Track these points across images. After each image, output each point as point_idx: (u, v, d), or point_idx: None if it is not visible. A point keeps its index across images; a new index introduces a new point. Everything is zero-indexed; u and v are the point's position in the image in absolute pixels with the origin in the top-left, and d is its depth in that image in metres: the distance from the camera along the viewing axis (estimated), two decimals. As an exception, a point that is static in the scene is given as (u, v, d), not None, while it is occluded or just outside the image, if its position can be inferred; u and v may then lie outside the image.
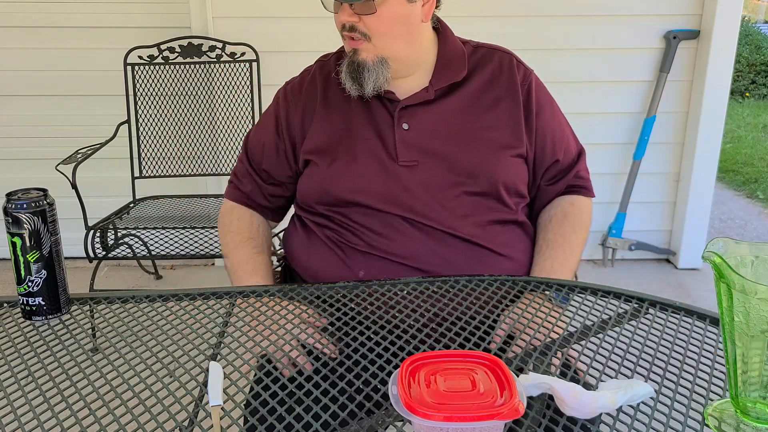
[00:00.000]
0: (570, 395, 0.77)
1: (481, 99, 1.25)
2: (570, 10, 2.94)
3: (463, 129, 1.23)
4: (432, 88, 1.24)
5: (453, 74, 1.25)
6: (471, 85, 1.26)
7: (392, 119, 1.23)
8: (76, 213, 2.35)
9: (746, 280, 0.68)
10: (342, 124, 1.25)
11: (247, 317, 1.04)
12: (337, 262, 1.23)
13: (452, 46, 1.28)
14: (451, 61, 1.26)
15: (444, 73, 1.25)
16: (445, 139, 1.22)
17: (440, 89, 1.24)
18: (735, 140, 6.21)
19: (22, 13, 3.02)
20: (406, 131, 1.22)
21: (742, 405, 0.74)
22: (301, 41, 2.94)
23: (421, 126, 1.23)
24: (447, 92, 1.25)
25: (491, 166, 1.22)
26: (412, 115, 1.23)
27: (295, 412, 0.80)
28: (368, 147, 1.23)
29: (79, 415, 0.78)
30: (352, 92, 1.22)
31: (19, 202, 0.96)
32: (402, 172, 1.21)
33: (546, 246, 1.26)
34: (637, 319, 1.01)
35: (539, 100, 1.28)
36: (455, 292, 1.10)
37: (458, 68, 1.26)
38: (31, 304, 1.00)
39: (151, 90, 2.85)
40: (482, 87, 1.26)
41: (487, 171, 1.21)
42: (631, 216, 3.15)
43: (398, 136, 1.22)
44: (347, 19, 1.16)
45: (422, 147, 1.22)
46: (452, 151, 1.21)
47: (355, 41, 1.19)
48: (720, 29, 2.86)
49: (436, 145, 1.22)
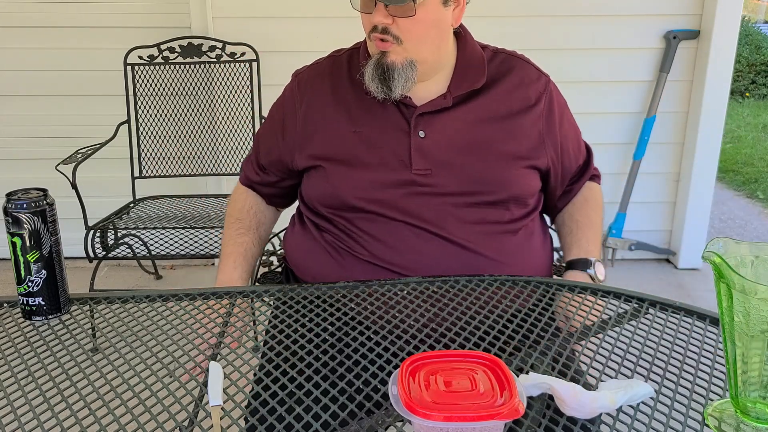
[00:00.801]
0: (570, 395, 0.77)
1: (499, 110, 1.22)
2: (570, 10, 2.94)
3: (479, 140, 1.20)
4: (450, 95, 1.21)
5: (472, 81, 1.22)
6: (490, 94, 1.23)
7: (408, 125, 1.20)
8: (76, 213, 2.35)
9: (746, 280, 0.68)
10: (353, 126, 1.22)
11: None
12: (334, 267, 1.22)
13: (471, 50, 1.25)
14: (470, 67, 1.23)
15: (463, 79, 1.22)
16: (460, 150, 1.20)
17: (458, 96, 1.21)
18: (735, 140, 6.21)
19: (22, 13, 3.02)
20: (422, 139, 1.19)
21: (742, 405, 0.74)
22: (301, 41, 2.94)
23: (437, 135, 1.20)
24: (465, 99, 1.22)
25: (504, 178, 1.20)
26: (429, 122, 1.20)
27: (295, 412, 0.80)
28: (381, 153, 1.20)
29: (79, 415, 0.78)
30: (378, 95, 1.18)
31: (19, 202, 0.96)
32: (414, 180, 1.19)
33: (577, 228, 1.31)
34: (637, 319, 1.01)
35: (560, 109, 1.28)
36: (455, 292, 1.10)
37: (477, 75, 1.23)
38: (31, 304, 1.00)
39: (151, 90, 2.85)
40: (501, 97, 1.23)
41: (500, 183, 1.20)
42: (631, 216, 3.15)
43: (414, 143, 1.19)
44: (382, 21, 1.12)
45: (437, 156, 1.19)
46: (467, 163, 1.19)
47: (385, 43, 1.15)
48: (720, 29, 2.86)
49: (451, 156, 1.19)
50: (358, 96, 1.23)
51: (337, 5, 2.87)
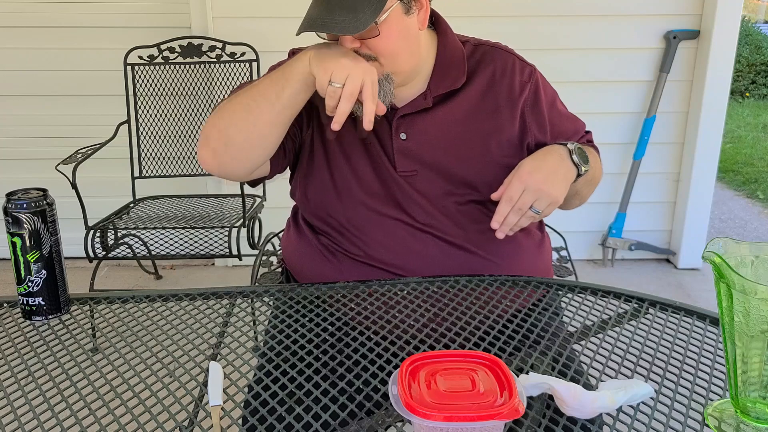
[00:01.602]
0: (570, 395, 0.77)
1: (480, 105, 1.21)
2: (570, 10, 2.94)
3: (462, 138, 1.20)
4: (430, 94, 1.20)
5: (452, 81, 1.20)
6: (470, 90, 1.21)
7: (390, 128, 1.20)
8: (76, 213, 2.35)
9: (746, 280, 0.68)
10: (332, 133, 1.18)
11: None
12: (331, 270, 1.21)
13: (452, 47, 1.23)
14: (450, 65, 1.21)
15: (442, 78, 1.20)
16: (444, 150, 1.19)
17: (438, 96, 1.20)
18: (735, 140, 6.21)
19: (22, 13, 3.02)
20: (404, 141, 1.19)
21: (742, 405, 0.75)
22: (301, 41, 2.94)
23: (419, 136, 1.19)
24: (445, 98, 1.21)
25: (491, 175, 1.19)
26: (410, 124, 1.19)
27: (295, 412, 0.80)
28: (366, 156, 1.20)
29: (79, 415, 0.78)
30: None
31: (19, 202, 0.96)
32: (401, 181, 1.19)
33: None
34: (637, 319, 1.01)
35: (548, 96, 1.26)
36: (455, 292, 1.10)
37: (457, 73, 1.21)
38: (31, 304, 1.00)
39: (151, 90, 2.85)
40: (482, 92, 1.21)
41: (487, 181, 1.18)
42: (631, 216, 3.15)
43: (396, 146, 1.19)
44: (350, 46, 1.10)
45: (421, 158, 1.19)
46: (451, 162, 1.19)
47: None
48: (720, 29, 2.86)
49: (435, 156, 1.19)
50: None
51: (337, 5, 2.88)
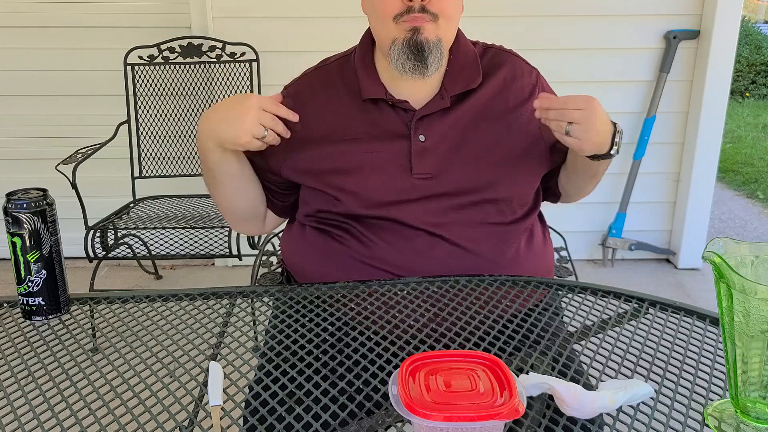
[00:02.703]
0: (570, 395, 0.77)
1: (494, 107, 1.21)
2: (570, 10, 2.94)
3: (479, 141, 1.19)
4: (447, 93, 1.19)
5: (467, 80, 1.20)
6: (485, 91, 1.21)
7: (408, 130, 1.18)
8: (76, 213, 2.35)
9: (746, 280, 0.68)
10: (349, 134, 1.20)
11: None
12: (332, 269, 1.21)
13: (464, 47, 1.23)
14: (464, 65, 1.21)
15: (458, 77, 1.20)
16: (460, 152, 1.19)
17: (455, 95, 1.19)
18: (735, 140, 6.21)
19: (22, 13, 3.02)
20: (422, 143, 1.18)
21: (742, 405, 0.75)
22: (301, 41, 2.94)
23: (438, 138, 1.18)
24: (461, 98, 1.20)
25: (505, 176, 1.19)
26: (429, 125, 1.19)
27: (295, 412, 0.80)
28: (380, 159, 1.18)
29: (79, 415, 0.78)
30: (411, 74, 1.13)
31: (19, 202, 0.96)
32: (415, 184, 1.18)
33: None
34: (637, 319, 1.01)
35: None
36: (455, 292, 1.10)
37: (473, 73, 1.21)
38: (31, 304, 1.00)
39: (151, 90, 2.85)
40: (495, 93, 1.22)
41: (501, 182, 1.19)
42: (631, 216, 3.15)
43: (414, 148, 1.18)
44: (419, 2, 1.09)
45: (438, 160, 1.18)
46: (467, 165, 1.18)
47: (420, 20, 1.12)
48: (720, 29, 2.86)
49: (451, 159, 1.18)
50: (354, 103, 1.20)
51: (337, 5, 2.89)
